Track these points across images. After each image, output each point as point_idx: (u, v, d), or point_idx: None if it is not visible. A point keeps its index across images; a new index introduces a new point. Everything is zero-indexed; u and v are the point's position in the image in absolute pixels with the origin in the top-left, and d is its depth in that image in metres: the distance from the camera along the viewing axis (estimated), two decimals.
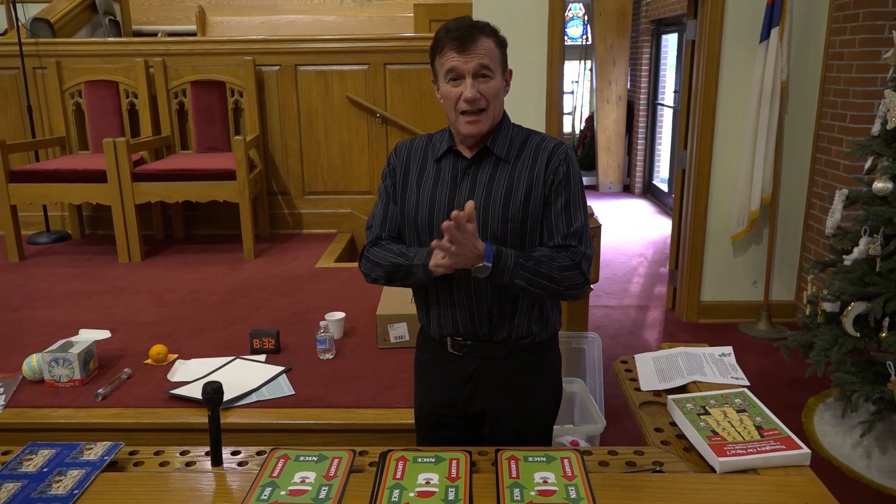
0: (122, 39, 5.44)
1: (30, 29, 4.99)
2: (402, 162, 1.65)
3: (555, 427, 2.85)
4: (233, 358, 2.63)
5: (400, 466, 1.31)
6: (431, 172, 1.61)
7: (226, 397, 1.43)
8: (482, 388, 1.64)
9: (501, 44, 1.53)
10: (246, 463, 1.39)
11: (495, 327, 1.59)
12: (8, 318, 3.15)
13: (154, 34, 6.09)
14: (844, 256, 2.77)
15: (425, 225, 1.59)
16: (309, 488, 1.25)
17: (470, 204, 1.36)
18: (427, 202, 1.58)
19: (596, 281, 3.11)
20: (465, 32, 1.45)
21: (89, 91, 4.61)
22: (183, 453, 1.43)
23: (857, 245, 2.70)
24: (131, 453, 1.44)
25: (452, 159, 1.60)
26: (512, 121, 1.62)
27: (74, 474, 1.31)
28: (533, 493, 1.22)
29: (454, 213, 1.33)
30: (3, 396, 2.32)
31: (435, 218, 1.57)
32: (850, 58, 3.72)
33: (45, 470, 1.33)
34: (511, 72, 1.59)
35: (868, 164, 2.82)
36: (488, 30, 1.49)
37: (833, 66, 3.88)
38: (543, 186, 1.53)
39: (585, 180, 8.77)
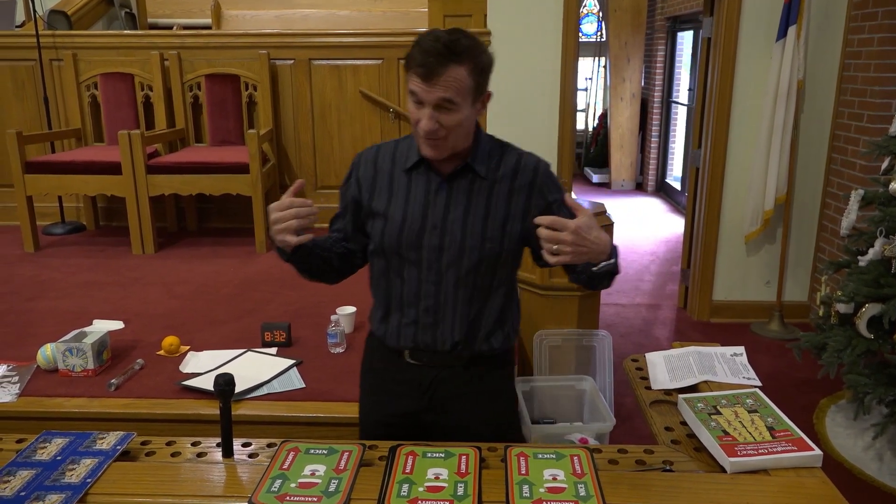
0: (138, 32, 5.47)
1: (47, 21, 5.03)
2: (368, 176, 1.56)
3: (564, 425, 2.85)
4: (244, 350, 2.64)
5: (409, 461, 1.31)
6: (401, 185, 1.52)
7: (237, 389, 1.44)
8: (439, 397, 1.60)
9: (478, 70, 1.39)
10: (256, 455, 1.39)
11: (459, 350, 1.56)
12: (23, 307, 3.18)
13: (169, 27, 6.11)
14: (859, 257, 2.75)
15: (393, 243, 1.51)
16: (319, 481, 1.25)
17: (300, 182, 1.45)
18: (397, 219, 1.51)
19: None
20: (434, 60, 1.33)
21: (105, 83, 4.64)
22: (194, 444, 1.44)
23: (873, 246, 2.68)
24: (143, 443, 1.45)
25: (425, 173, 1.51)
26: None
27: (87, 463, 1.33)
28: (542, 490, 1.22)
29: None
30: (18, 385, 2.34)
31: (404, 237, 1.50)
32: (867, 57, 3.68)
33: (59, 458, 1.35)
34: (490, 94, 1.48)
35: (885, 165, 2.79)
36: (466, 55, 1.36)
37: (850, 65, 3.84)
38: (525, 206, 1.50)
39: (597, 178, 8.77)
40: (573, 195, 1.83)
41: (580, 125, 8.95)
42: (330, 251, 1.59)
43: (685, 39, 7.68)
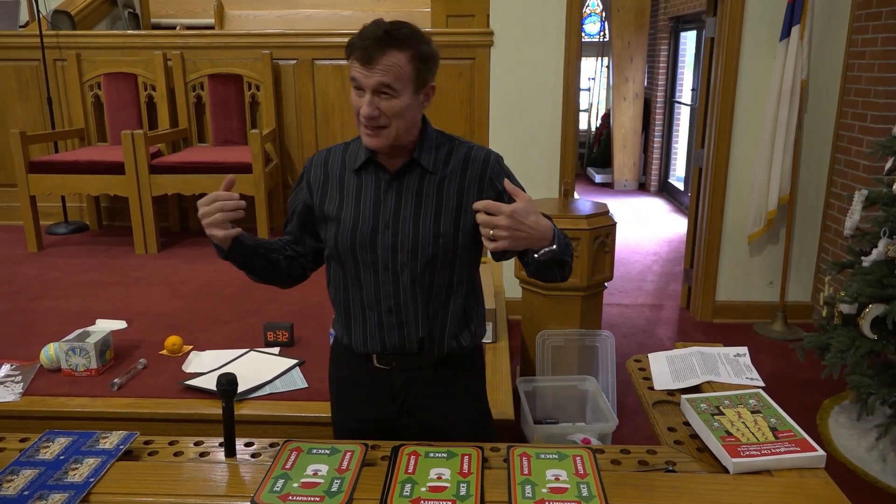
0: (141, 32, 5.48)
1: (50, 21, 5.04)
2: (318, 180, 1.56)
3: (567, 425, 2.85)
4: (246, 350, 2.64)
5: (412, 461, 1.31)
6: (352, 187, 1.52)
7: (239, 389, 1.45)
8: (411, 400, 1.59)
9: (421, 58, 1.41)
10: (259, 454, 1.40)
11: (425, 349, 1.55)
12: (26, 307, 3.19)
13: (172, 27, 6.12)
14: (863, 258, 2.74)
15: (347, 246, 1.50)
16: (321, 481, 1.25)
17: (230, 178, 1.43)
18: (350, 221, 1.50)
19: (610, 279, 3.09)
20: (371, 44, 1.35)
21: (108, 83, 4.65)
22: (197, 444, 1.44)
23: (877, 247, 2.67)
24: (146, 443, 1.45)
25: (374, 172, 1.51)
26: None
27: (90, 462, 1.33)
28: (544, 491, 1.22)
29: None
30: (21, 384, 2.35)
31: (358, 239, 1.49)
32: (871, 57, 3.67)
33: (62, 458, 1.35)
34: (434, 87, 1.48)
35: (889, 165, 2.78)
36: (406, 42, 1.38)
37: (854, 65, 3.83)
38: (478, 199, 1.46)
39: (600, 178, 8.77)
40: (575, 195, 1.82)
41: (583, 125, 8.95)
42: (279, 253, 1.60)
43: (688, 39, 7.67)
